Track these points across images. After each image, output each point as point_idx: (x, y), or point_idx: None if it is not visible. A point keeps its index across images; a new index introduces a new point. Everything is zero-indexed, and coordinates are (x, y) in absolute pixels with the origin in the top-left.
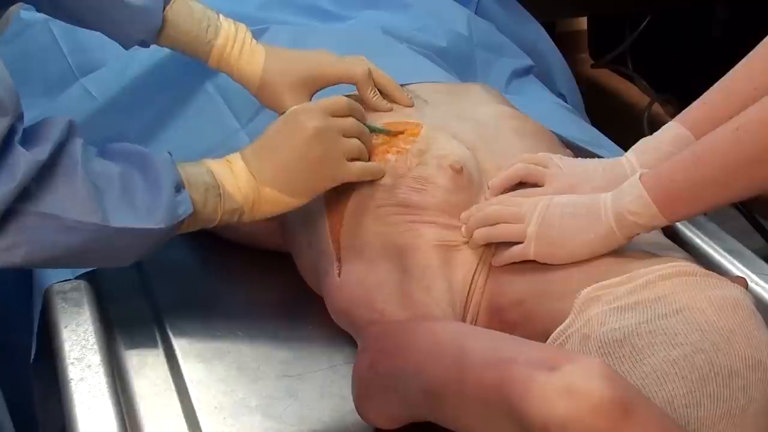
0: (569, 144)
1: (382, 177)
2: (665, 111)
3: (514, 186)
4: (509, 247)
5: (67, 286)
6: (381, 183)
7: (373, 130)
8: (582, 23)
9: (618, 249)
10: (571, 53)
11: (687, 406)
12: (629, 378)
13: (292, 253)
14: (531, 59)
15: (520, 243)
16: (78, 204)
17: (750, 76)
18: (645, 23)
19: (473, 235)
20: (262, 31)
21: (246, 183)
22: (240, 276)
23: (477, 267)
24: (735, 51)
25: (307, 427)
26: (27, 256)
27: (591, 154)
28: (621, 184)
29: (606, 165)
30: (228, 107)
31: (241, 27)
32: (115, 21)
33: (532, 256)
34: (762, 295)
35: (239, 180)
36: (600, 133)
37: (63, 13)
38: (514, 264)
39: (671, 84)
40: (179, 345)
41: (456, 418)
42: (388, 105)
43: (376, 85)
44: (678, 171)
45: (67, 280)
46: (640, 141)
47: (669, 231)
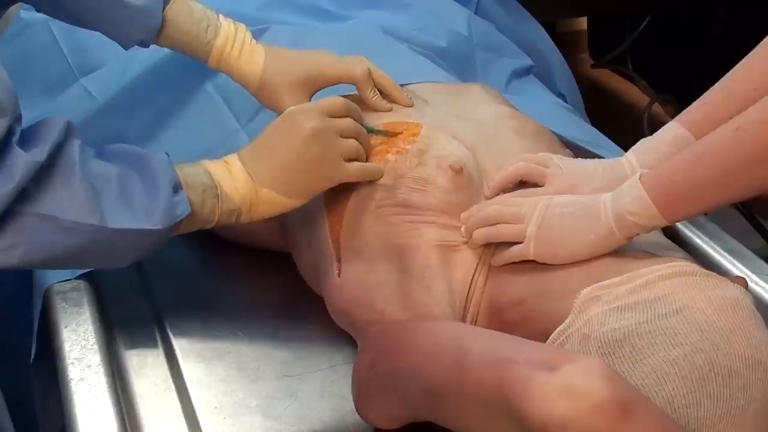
0: (569, 144)
1: (380, 177)
2: (665, 111)
3: (514, 186)
4: (509, 247)
5: (67, 286)
6: (381, 183)
7: (371, 130)
8: (582, 23)
9: (618, 249)
10: (571, 53)
11: (687, 406)
12: (629, 378)
13: (292, 254)
14: (531, 59)
15: (519, 243)
16: (76, 205)
17: (750, 76)
18: (645, 23)
19: (473, 235)
20: (262, 31)
21: (243, 184)
22: (240, 276)
23: (477, 267)
24: (735, 51)
25: (307, 427)
26: (25, 256)
27: (591, 154)
28: (621, 184)
29: (606, 165)
30: (228, 107)
31: (241, 27)
32: (115, 21)
33: (531, 256)
34: (762, 295)
35: (237, 181)
36: (600, 133)
37: (62, 13)
38: (513, 264)
39: (671, 84)
40: (179, 345)
41: (456, 418)
42: (387, 105)
43: (375, 85)
44: (678, 171)
45: (67, 280)
46: (640, 141)
47: (669, 231)
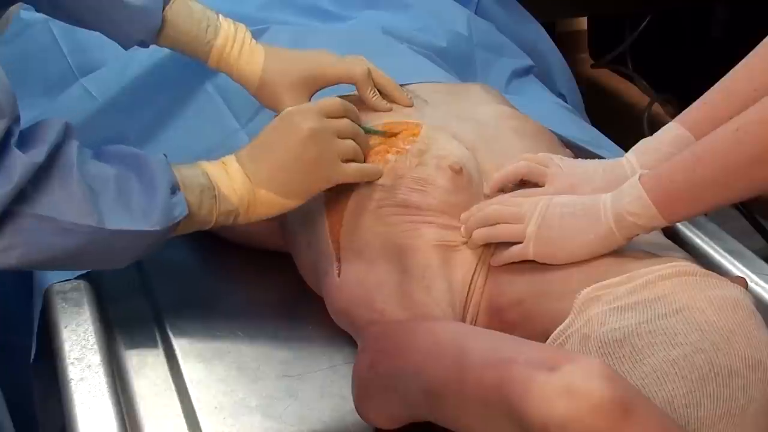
0: (569, 144)
1: (378, 178)
2: (665, 111)
3: (515, 186)
4: (508, 248)
5: (67, 286)
6: (381, 183)
7: (369, 131)
8: (582, 23)
9: (618, 249)
10: (571, 53)
11: (687, 406)
12: (629, 378)
13: (291, 254)
14: (531, 59)
15: (519, 243)
16: (74, 206)
17: (750, 76)
18: (645, 23)
19: (472, 235)
20: (262, 31)
21: (241, 185)
22: (240, 276)
23: (476, 267)
24: (735, 51)
25: (307, 427)
26: (23, 258)
27: (591, 154)
28: (621, 184)
29: (606, 166)
30: (228, 107)
31: (241, 27)
32: (115, 21)
33: (531, 256)
34: (762, 295)
35: (234, 182)
36: (600, 133)
37: (62, 13)
38: (513, 264)
39: (671, 84)
40: (179, 345)
41: (456, 418)
42: (387, 105)
43: (375, 85)
44: (678, 172)
45: (67, 280)
46: (640, 142)
47: (669, 231)
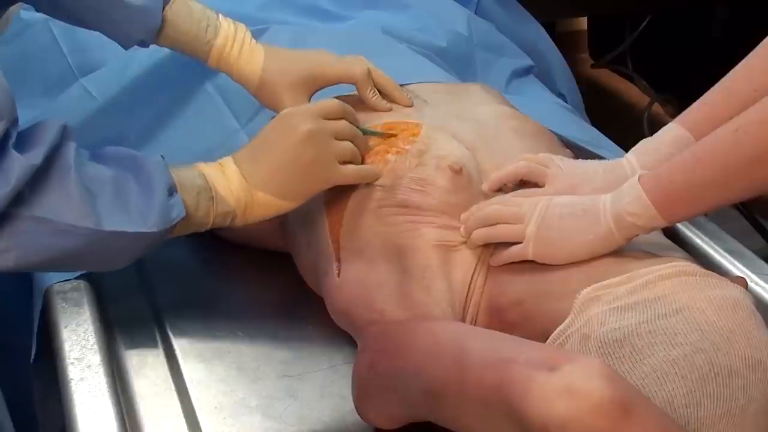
0: (569, 144)
1: (376, 180)
2: (665, 111)
3: (514, 186)
4: (508, 248)
5: (67, 286)
6: (381, 183)
7: (366, 132)
8: (582, 23)
9: (617, 249)
10: (571, 53)
11: (687, 406)
12: (629, 378)
13: (291, 254)
14: (531, 59)
15: (519, 243)
16: (71, 208)
17: (750, 76)
18: (645, 23)
19: (472, 235)
20: (262, 31)
21: (238, 186)
22: (240, 276)
23: (476, 267)
24: (735, 51)
25: (307, 427)
26: (20, 259)
27: (591, 154)
28: (621, 185)
29: (606, 166)
30: (228, 107)
31: (241, 27)
32: (114, 21)
33: (530, 256)
34: (762, 295)
35: (231, 183)
36: (600, 133)
37: (62, 13)
38: (513, 264)
39: (671, 84)
40: (179, 345)
41: (456, 418)
42: (387, 105)
43: (375, 85)
44: (677, 172)
45: (67, 280)
46: (640, 142)
47: (669, 231)
